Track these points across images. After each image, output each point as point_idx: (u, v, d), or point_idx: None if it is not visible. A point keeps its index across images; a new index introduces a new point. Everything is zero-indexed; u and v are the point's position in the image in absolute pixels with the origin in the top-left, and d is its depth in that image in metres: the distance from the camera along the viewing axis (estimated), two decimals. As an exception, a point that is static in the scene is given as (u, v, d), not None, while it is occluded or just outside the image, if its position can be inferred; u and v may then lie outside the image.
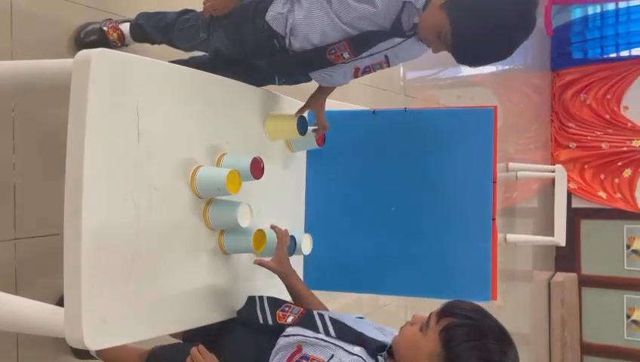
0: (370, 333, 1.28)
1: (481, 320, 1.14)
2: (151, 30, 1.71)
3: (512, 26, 1.28)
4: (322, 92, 1.67)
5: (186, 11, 1.65)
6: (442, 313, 1.17)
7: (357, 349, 1.22)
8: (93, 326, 1.13)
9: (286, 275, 1.50)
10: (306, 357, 1.22)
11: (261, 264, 1.48)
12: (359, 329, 1.28)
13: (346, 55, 1.44)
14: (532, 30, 1.31)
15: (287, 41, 1.46)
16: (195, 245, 1.41)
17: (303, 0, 1.44)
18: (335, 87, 1.67)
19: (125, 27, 1.81)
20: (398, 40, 1.43)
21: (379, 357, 1.22)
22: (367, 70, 1.53)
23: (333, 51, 1.44)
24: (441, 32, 1.32)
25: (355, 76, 1.56)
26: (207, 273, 1.45)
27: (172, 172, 1.34)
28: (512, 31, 1.29)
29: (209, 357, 1.29)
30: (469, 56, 1.35)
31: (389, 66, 1.52)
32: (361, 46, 1.43)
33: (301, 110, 1.68)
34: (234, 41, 1.51)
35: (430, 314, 1.19)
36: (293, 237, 1.62)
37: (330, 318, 1.31)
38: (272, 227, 1.53)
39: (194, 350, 1.29)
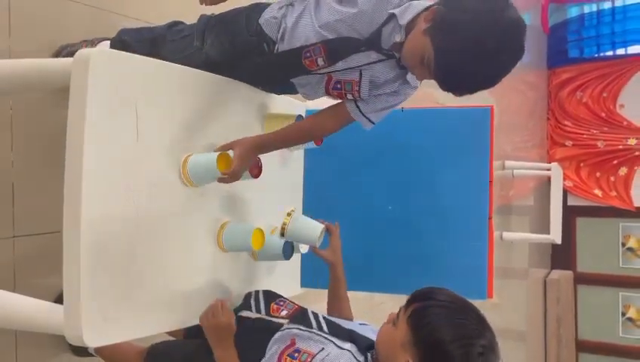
0: (365, 333, 1.30)
1: (449, 301, 1.15)
2: (136, 44, 1.61)
3: (497, 53, 1.22)
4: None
5: (176, 23, 1.61)
6: (408, 302, 1.19)
7: (348, 345, 1.24)
8: (93, 324, 1.14)
9: (335, 266, 1.58)
10: (297, 350, 1.24)
11: (317, 253, 1.58)
12: (351, 328, 1.30)
13: (320, 61, 1.39)
14: (520, 57, 1.26)
15: (276, 47, 1.44)
16: (194, 243, 1.42)
17: (296, 6, 1.42)
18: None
19: (104, 45, 1.77)
20: (374, 56, 1.38)
21: (368, 354, 1.24)
22: (337, 86, 1.46)
23: (308, 55, 1.40)
24: (424, 58, 1.28)
25: (327, 88, 1.48)
26: (206, 271, 1.46)
27: (171, 171, 1.35)
28: (496, 58, 1.23)
29: (228, 313, 1.33)
30: (451, 82, 1.29)
31: (359, 90, 1.43)
32: (336, 53, 1.38)
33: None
34: (224, 44, 1.48)
35: (400, 307, 1.21)
36: (288, 242, 1.62)
37: (324, 317, 1.33)
38: (323, 223, 1.63)
39: (216, 303, 1.34)
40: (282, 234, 1.67)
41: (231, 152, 1.39)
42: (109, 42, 1.70)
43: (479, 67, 1.24)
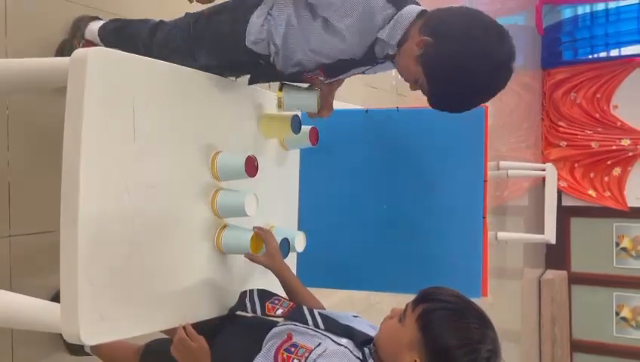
0: (361, 328, 1.30)
1: (457, 302, 1.16)
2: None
3: (487, 86, 1.29)
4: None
5: (156, 27, 1.59)
6: (417, 300, 1.19)
7: (344, 341, 1.25)
8: (90, 322, 1.15)
9: (279, 270, 1.51)
10: (294, 345, 1.24)
11: (252, 259, 1.50)
12: (348, 324, 1.30)
13: (321, 78, 1.45)
14: (507, 82, 1.30)
15: (272, 59, 1.44)
16: (191, 242, 1.43)
17: (277, 19, 1.39)
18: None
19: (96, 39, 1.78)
20: (373, 63, 1.41)
21: (365, 349, 1.25)
22: None
23: (308, 76, 1.44)
24: (417, 81, 1.32)
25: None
26: (202, 270, 1.47)
27: (167, 170, 1.35)
28: (486, 90, 1.30)
29: (196, 338, 1.32)
30: (444, 107, 1.35)
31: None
32: (335, 72, 1.42)
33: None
34: (219, 60, 1.50)
35: (406, 305, 1.21)
36: (286, 239, 1.63)
37: (320, 313, 1.34)
38: (255, 228, 1.53)
39: (181, 332, 1.31)
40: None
41: (235, 168, 1.45)
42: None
43: (469, 97, 1.31)
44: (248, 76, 1.57)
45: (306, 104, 1.55)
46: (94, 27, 1.77)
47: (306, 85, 1.55)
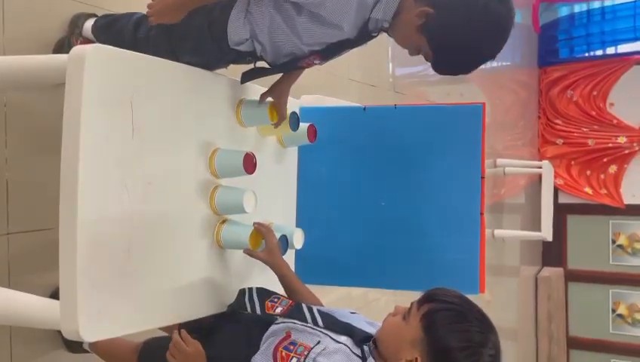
0: (359, 325, 1.31)
1: (462, 304, 1.18)
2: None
3: (492, 47, 1.31)
4: (287, 79, 1.59)
5: (139, 23, 1.57)
6: (423, 300, 1.21)
7: (343, 338, 1.25)
8: (89, 319, 1.15)
9: (278, 266, 1.51)
10: (294, 343, 1.25)
11: (251, 254, 1.50)
12: (347, 321, 1.31)
13: (316, 62, 1.43)
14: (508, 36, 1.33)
15: (259, 54, 1.44)
16: (189, 239, 1.43)
17: (256, 16, 1.37)
18: (299, 75, 1.61)
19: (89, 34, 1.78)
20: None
21: (364, 347, 1.25)
22: None
23: (305, 64, 1.44)
24: (420, 50, 1.33)
25: None
26: (201, 267, 1.47)
27: (166, 167, 1.36)
28: (490, 52, 1.32)
29: (191, 342, 1.32)
30: (449, 72, 1.38)
31: None
32: (331, 54, 1.42)
33: (263, 95, 1.58)
34: (208, 60, 1.49)
35: (412, 303, 1.22)
36: (284, 236, 1.64)
37: (319, 310, 1.34)
38: (255, 224, 1.53)
39: (176, 337, 1.31)
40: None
41: (233, 166, 1.46)
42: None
43: (475, 61, 1.34)
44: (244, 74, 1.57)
45: (260, 119, 1.59)
46: (91, 25, 1.77)
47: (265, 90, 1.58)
